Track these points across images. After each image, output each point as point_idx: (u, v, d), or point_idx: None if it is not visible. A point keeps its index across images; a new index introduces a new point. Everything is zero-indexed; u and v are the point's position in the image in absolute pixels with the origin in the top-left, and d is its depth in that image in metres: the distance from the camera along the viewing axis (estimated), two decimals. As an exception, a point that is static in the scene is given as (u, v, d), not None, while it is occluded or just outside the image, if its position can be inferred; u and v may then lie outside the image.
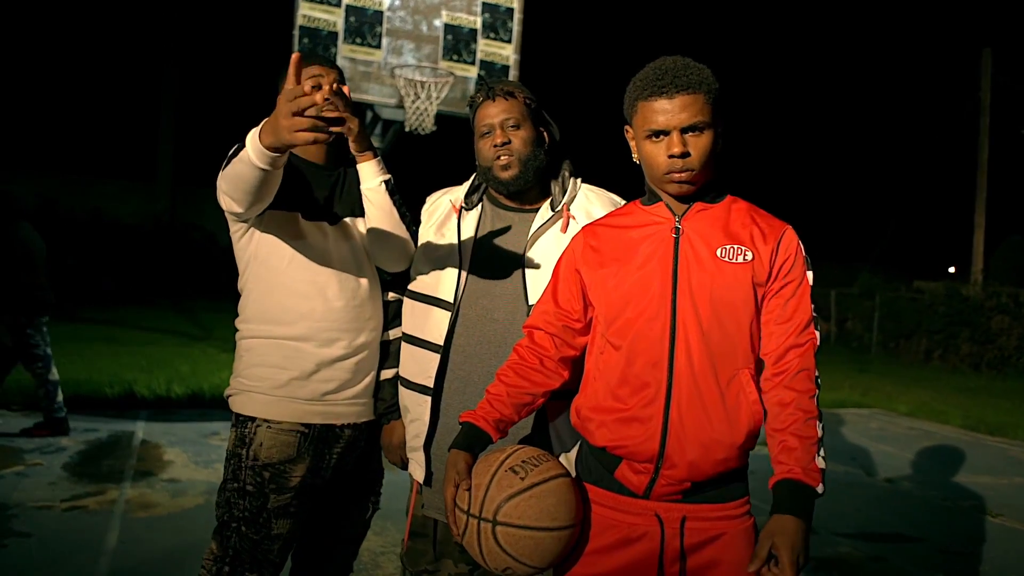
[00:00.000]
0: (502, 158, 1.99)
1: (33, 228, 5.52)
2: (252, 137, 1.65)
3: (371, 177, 1.98)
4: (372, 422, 2.16)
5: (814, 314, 1.65)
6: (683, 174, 1.60)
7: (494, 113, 2.01)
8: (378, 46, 6.37)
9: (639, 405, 1.60)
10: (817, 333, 1.64)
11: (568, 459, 1.89)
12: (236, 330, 2.12)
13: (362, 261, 2.11)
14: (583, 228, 1.82)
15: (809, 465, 1.54)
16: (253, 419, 2.00)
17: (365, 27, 6.32)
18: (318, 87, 1.92)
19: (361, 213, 2.10)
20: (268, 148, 1.61)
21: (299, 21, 6.16)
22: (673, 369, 1.58)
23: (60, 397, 5.46)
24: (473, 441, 1.69)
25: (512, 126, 2.00)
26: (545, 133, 2.08)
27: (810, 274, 1.66)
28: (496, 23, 6.78)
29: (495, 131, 2.01)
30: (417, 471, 2.03)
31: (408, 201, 2.18)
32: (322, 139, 1.49)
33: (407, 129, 6.24)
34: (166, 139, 22.17)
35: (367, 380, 2.13)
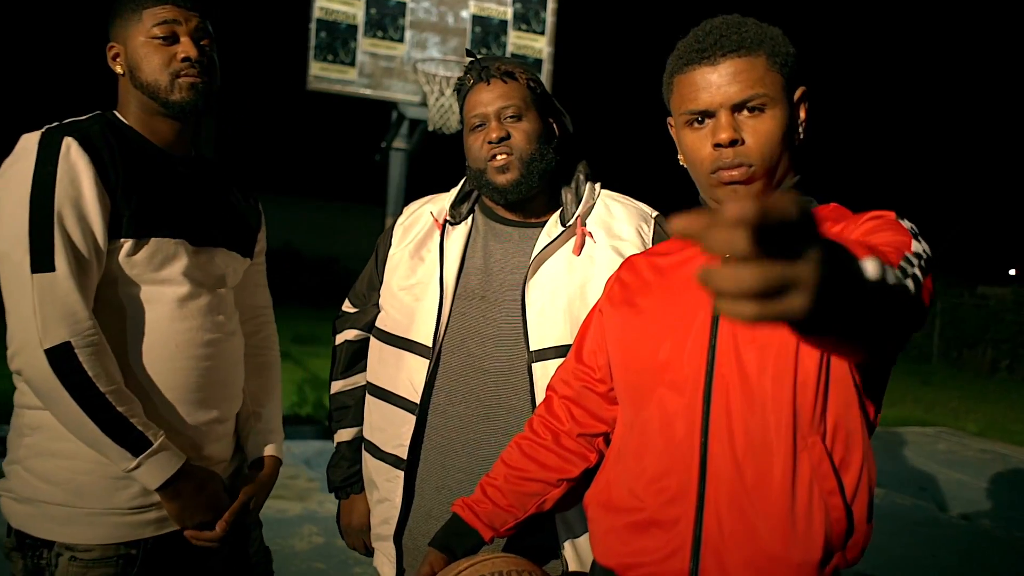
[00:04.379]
0: (498, 158, 1.52)
1: None
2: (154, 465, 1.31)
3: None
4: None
5: (920, 255, 1.01)
6: (735, 171, 1.10)
7: (488, 100, 1.55)
8: (401, 39, 6.01)
9: (659, 503, 1.10)
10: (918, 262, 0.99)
11: (575, 546, 1.43)
12: (14, 388, 1.39)
13: (228, 304, 1.54)
14: (623, 261, 1.36)
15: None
16: (49, 544, 1.34)
17: (387, 19, 5.96)
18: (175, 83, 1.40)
19: (240, 248, 1.57)
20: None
21: (316, 14, 5.85)
22: (708, 448, 1.08)
23: None
24: (452, 538, 1.26)
25: (512, 116, 1.54)
26: (555, 125, 1.61)
27: (918, 243, 1.03)
28: (528, 13, 6.37)
29: (490, 123, 1.54)
30: (386, 567, 1.56)
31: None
32: None
33: (430, 128, 5.88)
34: (207, 141, 22.26)
35: (227, 458, 1.54)
